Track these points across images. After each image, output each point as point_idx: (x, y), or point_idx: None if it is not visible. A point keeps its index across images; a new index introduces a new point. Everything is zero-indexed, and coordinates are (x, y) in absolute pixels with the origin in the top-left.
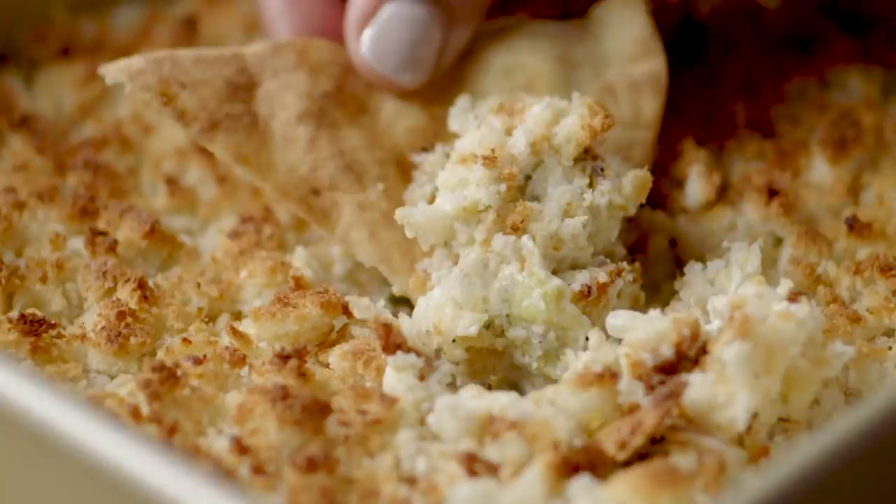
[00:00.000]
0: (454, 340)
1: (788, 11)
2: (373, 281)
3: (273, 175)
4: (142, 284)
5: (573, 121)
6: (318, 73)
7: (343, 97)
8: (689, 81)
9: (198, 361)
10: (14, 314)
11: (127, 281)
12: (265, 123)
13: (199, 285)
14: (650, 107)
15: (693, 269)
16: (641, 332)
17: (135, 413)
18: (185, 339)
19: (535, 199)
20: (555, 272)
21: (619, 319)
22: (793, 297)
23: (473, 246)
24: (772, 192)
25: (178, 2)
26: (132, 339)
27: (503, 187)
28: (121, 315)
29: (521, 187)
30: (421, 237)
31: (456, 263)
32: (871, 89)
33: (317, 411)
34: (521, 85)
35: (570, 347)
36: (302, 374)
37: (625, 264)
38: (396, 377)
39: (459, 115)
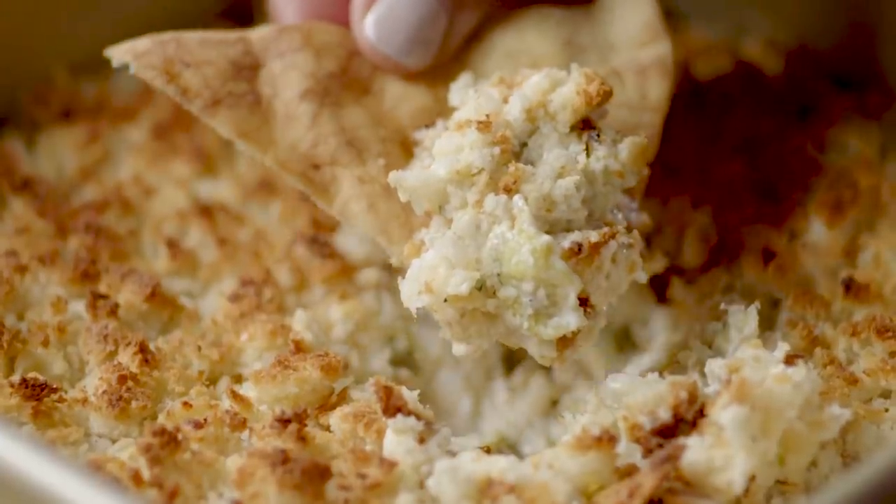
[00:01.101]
0: (445, 300)
1: (789, 77)
2: (373, 343)
3: (274, 150)
4: (143, 348)
5: (569, 88)
6: (323, 54)
7: (347, 78)
8: (688, 140)
9: (198, 425)
10: (16, 378)
11: (128, 344)
12: (268, 102)
13: (199, 348)
14: (657, 90)
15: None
16: (639, 395)
17: (136, 478)
18: (185, 403)
19: (531, 164)
20: (548, 234)
21: (617, 383)
22: (790, 361)
23: (466, 209)
24: (769, 254)
25: None
26: (133, 403)
27: (496, 150)
28: (122, 379)
29: (516, 153)
30: (414, 201)
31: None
32: (869, 149)
33: (317, 475)
34: (525, 67)
35: (560, 306)
36: (302, 438)
37: (620, 227)
38: (396, 440)
39: (460, 90)
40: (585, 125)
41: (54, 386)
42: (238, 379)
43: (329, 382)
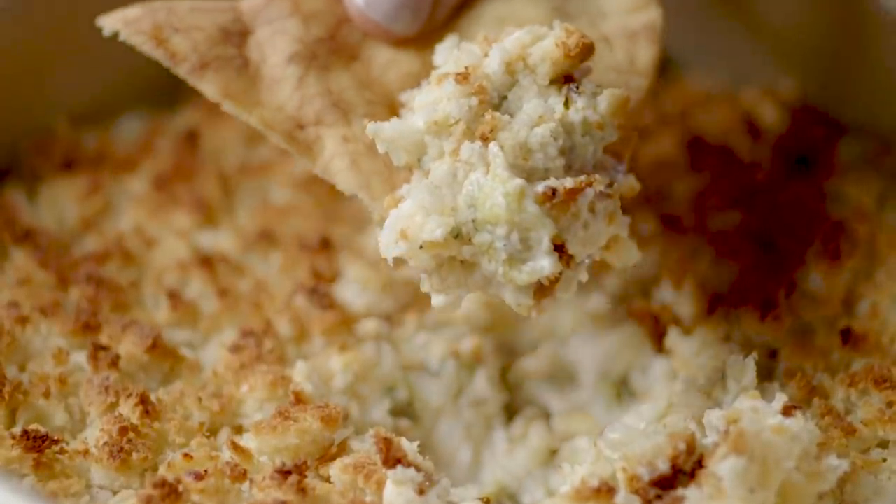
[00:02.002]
0: (421, 247)
1: (788, 126)
2: (373, 393)
3: (259, 110)
4: (144, 399)
5: (549, 41)
6: (312, 20)
7: (336, 44)
8: (686, 190)
9: (199, 477)
10: (17, 430)
11: (129, 396)
12: (256, 67)
13: (200, 399)
14: (645, 54)
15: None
16: (638, 445)
17: None
18: (186, 455)
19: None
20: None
21: (615, 433)
22: (788, 412)
23: (443, 158)
24: (767, 304)
25: (179, 113)
26: (134, 455)
27: (474, 101)
28: (123, 430)
29: (495, 106)
30: (392, 151)
31: None
32: (867, 199)
33: None
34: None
35: (534, 250)
36: (302, 490)
37: (598, 176)
38: (396, 491)
39: (445, 50)
40: (567, 81)
41: (55, 437)
42: (239, 430)
43: (329, 433)
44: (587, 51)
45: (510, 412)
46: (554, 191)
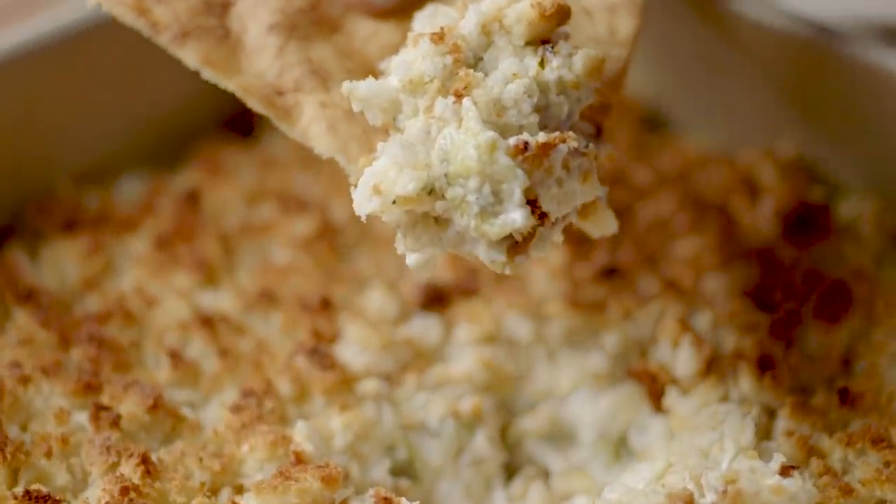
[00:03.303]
0: (394, 202)
1: (786, 187)
2: (373, 453)
3: (238, 77)
4: (145, 459)
5: (525, 3)
6: None
7: (317, 15)
8: (684, 251)
9: None
10: (19, 490)
11: (130, 456)
12: (237, 37)
13: (201, 459)
14: (625, 26)
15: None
16: None
17: None
18: None
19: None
20: None
21: (614, 493)
22: (785, 472)
23: (418, 116)
24: (765, 364)
25: (179, 174)
26: None
27: (449, 60)
28: (124, 490)
29: (470, 66)
30: (367, 110)
31: None
32: (864, 259)
33: None
34: None
35: (506, 203)
36: None
37: (571, 134)
38: None
39: (423, 17)
40: (543, 44)
41: (57, 497)
42: (239, 490)
43: (330, 493)
44: (563, 13)
45: (510, 471)
46: (526, 144)
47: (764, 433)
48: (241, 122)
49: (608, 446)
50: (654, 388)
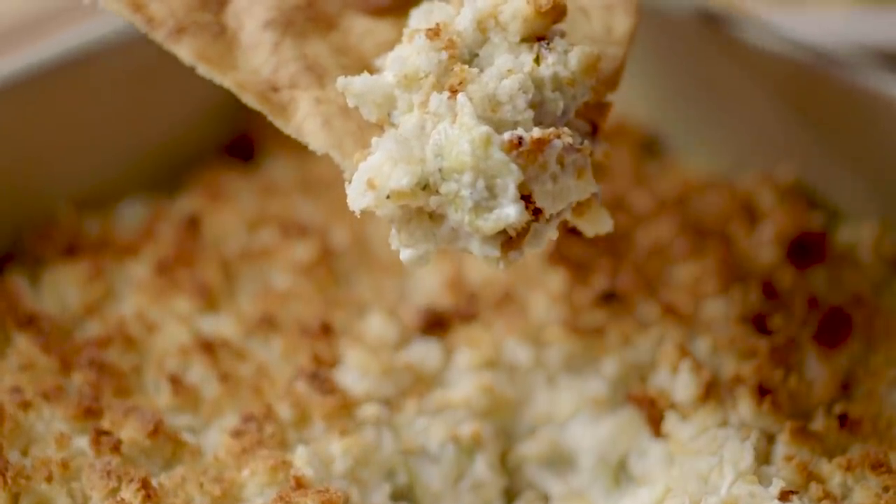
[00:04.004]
0: (388, 196)
1: (785, 212)
2: (373, 478)
3: (233, 73)
4: (145, 484)
5: (521, 0)
6: None
7: (313, 12)
8: (684, 276)
9: None
10: None
11: (131, 481)
12: (233, 34)
13: (201, 484)
14: (621, 24)
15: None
16: None
17: None
18: None
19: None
20: None
21: None
22: (784, 497)
23: (412, 111)
24: (764, 389)
25: (180, 199)
26: None
27: (444, 55)
28: None
29: (466, 62)
30: (362, 106)
31: None
32: (864, 285)
33: None
34: None
35: (500, 198)
36: None
37: (566, 130)
38: None
39: (420, 14)
40: (539, 41)
41: None
42: None
43: None
44: (558, 9)
45: (510, 496)
46: (520, 139)
47: (763, 458)
48: (241, 148)
49: (608, 471)
50: (654, 414)
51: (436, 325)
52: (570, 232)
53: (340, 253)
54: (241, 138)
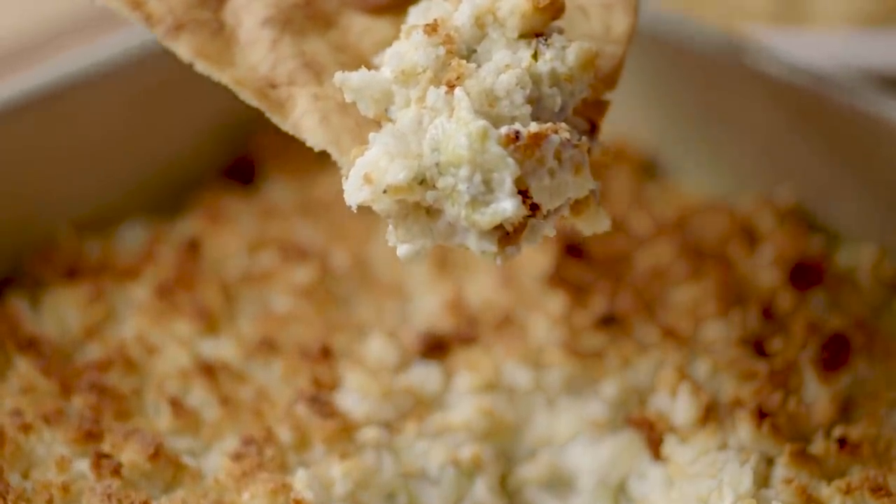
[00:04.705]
0: (385, 191)
1: (784, 235)
2: (373, 500)
3: (231, 70)
4: None
5: None
6: None
7: (312, 10)
8: (683, 299)
9: None
10: None
11: None
12: (231, 31)
13: None
14: (621, 23)
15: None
16: None
17: None
18: None
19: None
20: None
21: None
22: None
23: (410, 106)
24: (763, 412)
25: (180, 221)
26: None
27: (441, 51)
28: None
29: (464, 58)
30: (359, 101)
31: None
32: (863, 307)
33: None
34: None
35: (497, 192)
36: None
37: (564, 125)
38: None
39: (418, 11)
40: (539, 36)
41: None
42: None
43: None
44: (556, 6)
45: None
46: (518, 133)
47: (762, 481)
48: (241, 171)
49: (607, 494)
50: (653, 436)
51: (436, 347)
52: (570, 255)
53: (340, 275)
54: (241, 161)
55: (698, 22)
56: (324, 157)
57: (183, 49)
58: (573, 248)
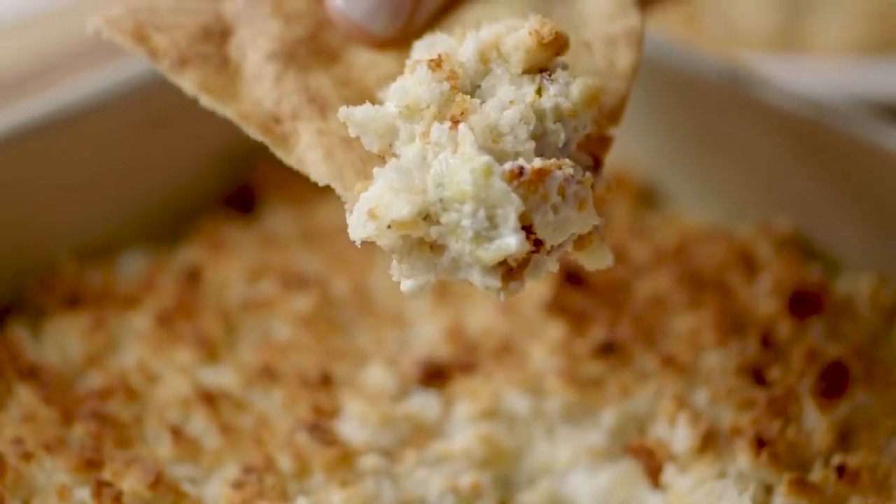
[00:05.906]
0: (389, 226)
1: (784, 265)
2: None
3: (236, 104)
4: None
5: (523, 31)
6: (292, 20)
7: (316, 45)
8: (681, 327)
9: None
10: None
11: None
12: (236, 65)
13: None
14: (625, 59)
15: None
16: None
17: None
18: None
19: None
20: None
21: None
22: None
23: (414, 142)
24: (762, 440)
25: (181, 250)
26: None
27: (446, 86)
28: None
29: (468, 93)
30: (363, 136)
31: None
32: (862, 336)
33: None
34: None
35: (501, 228)
36: None
37: (568, 161)
38: None
39: (422, 46)
40: (543, 71)
41: None
42: None
43: None
44: (560, 41)
45: None
46: (521, 169)
47: None
48: (241, 199)
49: None
50: (652, 465)
51: (435, 376)
52: (569, 283)
53: (340, 303)
54: (242, 190)
55: (697, 50)
56: (324, 186)
57: (187, 83)
58: (573, 277)
